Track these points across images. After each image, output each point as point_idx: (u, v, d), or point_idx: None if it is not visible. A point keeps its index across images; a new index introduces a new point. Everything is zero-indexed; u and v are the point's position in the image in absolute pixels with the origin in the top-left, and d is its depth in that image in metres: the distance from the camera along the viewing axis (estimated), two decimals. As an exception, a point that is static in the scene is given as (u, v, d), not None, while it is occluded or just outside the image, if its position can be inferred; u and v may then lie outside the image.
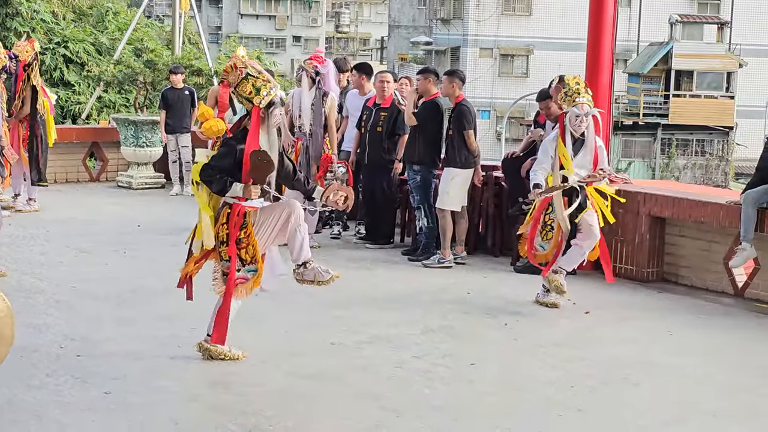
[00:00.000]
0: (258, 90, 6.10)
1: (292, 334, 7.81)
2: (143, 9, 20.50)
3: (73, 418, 5.65)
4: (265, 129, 6.15)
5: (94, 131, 15.71)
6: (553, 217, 8.07)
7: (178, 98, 14.01)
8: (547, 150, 8.11)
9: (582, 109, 7.76)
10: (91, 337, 7.47)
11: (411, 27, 55.62)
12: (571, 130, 7.91)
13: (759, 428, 6.31)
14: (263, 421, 5.67)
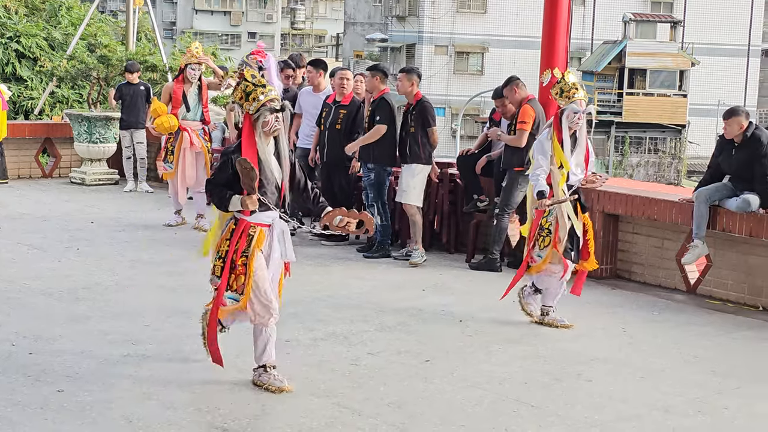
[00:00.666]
0: (248, 95, 5.79)
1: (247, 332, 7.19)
2: (96, 4, 20.59)
3: (26, 416, 5.56)
4: (260, 136, 5.82)
5: (46, 127, 15.80)
6: (550, 220, 7.92)
7: (134, 93, 14.04)
8: (546, 150, 7.86)
9: (581, 105, 7.61)
10: (43, 334, 7.32)
11: (366, 24, 55.94)
12: (569, 125, 7.74)
13: (710, 423, 6.34)
14: (218, 417, 5.60)
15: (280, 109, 5.79)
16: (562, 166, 7.72)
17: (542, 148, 7.80)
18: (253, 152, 5.70)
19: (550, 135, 7.75)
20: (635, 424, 6.18)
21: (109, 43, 19.27)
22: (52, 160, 15.54)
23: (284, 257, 6.00)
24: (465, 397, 6.44)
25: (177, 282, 9.14)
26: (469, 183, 10.92)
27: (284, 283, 6.20)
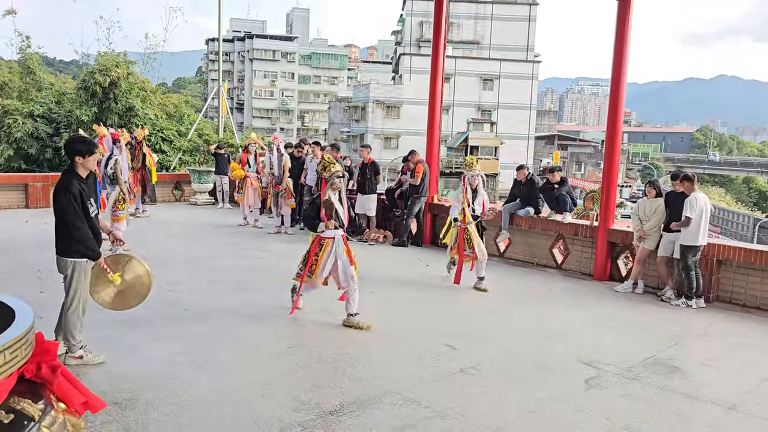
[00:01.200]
0: (325, 168, 6.12)
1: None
2: (203, 113, 21.39)
3: (166, 325, 5.81)
4: (330, 190, 6.09)
5: (177, 175, 16.58)
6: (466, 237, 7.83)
7: (222, 158, 14.96)
8: (459, 197, 8.03)
9: (474, 171, 7.88)
10: (175, 280, 7.55)
11: (340, 123, 57.70)
12: (470, 183, 7.92)
13: (501, 323, 6.93)
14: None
15: (342, 176, 6.17)
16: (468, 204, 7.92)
17: (457, 197, 8.11)
18: (325, 197, 6.06)
19: (461, 189, 8.02)
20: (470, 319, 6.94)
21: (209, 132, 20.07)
22: (180, 192, 16.31)
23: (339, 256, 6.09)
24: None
25: (244, 254, 9.51)
26: (391, 203, 11.37)
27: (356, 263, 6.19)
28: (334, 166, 6.13)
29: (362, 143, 14.60)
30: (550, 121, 69.28)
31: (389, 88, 55.48)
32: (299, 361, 5.08)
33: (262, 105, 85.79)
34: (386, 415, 4.16)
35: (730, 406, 4.57)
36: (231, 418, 4.00)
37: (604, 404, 4.51)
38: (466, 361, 5.22)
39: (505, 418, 4.18)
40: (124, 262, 5.03)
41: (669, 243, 7.87)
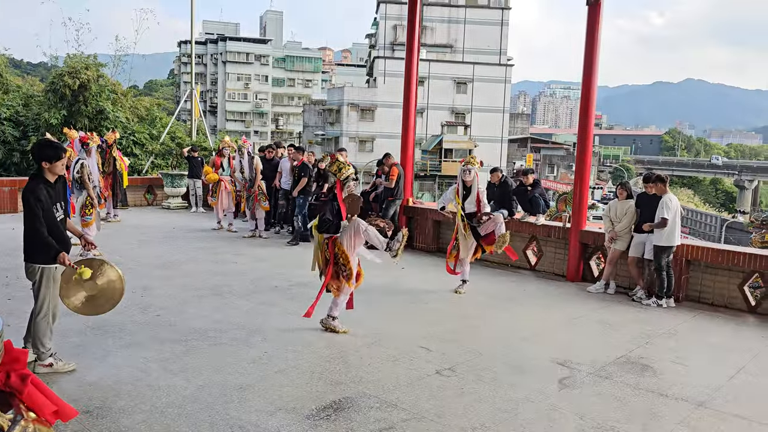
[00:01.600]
0: (340, 169, 6.01)
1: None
2: (175, 116, 21.14)
3: (137, 328, 5.81)
4: (344, 192, 6.02)
5: (149, 179, 16.38)
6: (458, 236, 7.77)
7: (195, 162, 14.75)
8: (450, 192, 7.92)
9: (466, 167, 7.57)
10: (148, 285, 7.49)
11: (315, 126, 57.68)
12: (463, 179, 7.65)
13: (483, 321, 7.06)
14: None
15: (355, 179, 6.14)
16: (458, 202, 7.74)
17: (449, 191, 8.00)
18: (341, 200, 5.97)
19: (454, 187, 7.87)
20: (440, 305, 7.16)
21: (182, 135, 19.78)
22: (152, 196, 16.06)
23: None
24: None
25: (218, 258, 9.46)
26: (367, 206, 10.93)
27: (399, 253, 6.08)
28: (348, 168, 6.02)
29: (337, 146, 14.54)
30: (523, 124, 70.02)
31: (364, 91, 55.50)
32: (275, 365, 5.05)
33: (236, 108, 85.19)
34: (363, 418, 4.16)
35: (699, 403, 4.66)
36: (206, 425, 3.96)
37: (578, 403, 4.57)
38: (441, 363, 5.24)
39: (480, 420, 4.21)
40: (96, 266, 4.92)
41: (640, 244, 8.01)
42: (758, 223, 7.81)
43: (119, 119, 18.63)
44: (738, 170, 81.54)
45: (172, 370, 4.84)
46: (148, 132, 19.19)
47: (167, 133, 18.99)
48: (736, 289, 7.66)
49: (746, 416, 4.49)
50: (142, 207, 15.59)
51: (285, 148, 11.96)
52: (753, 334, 6.63)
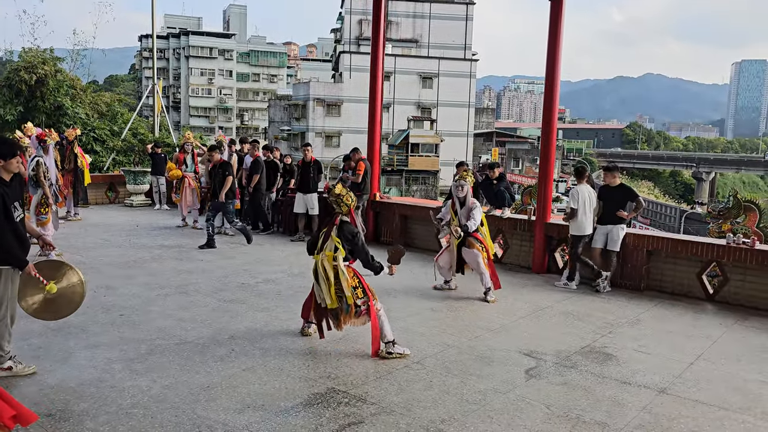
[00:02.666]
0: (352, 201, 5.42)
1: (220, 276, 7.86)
2: (137, 112, 20.54)
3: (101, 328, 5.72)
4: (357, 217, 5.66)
5: (110, 176, 16.05)
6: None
7: (159, 158, 14.45)
8: (448, 209, 7.68)
9: (459, 182, 7.41)
10: (111, 285, 7.35)
11: (281, 122, 57.15)
12: (455, 194, 7.46)
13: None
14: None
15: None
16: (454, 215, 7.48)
17: (446, 207, 7.81)
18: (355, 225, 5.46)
19: (450, 203, 7.70)
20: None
21: (144, 132, 19.31)
22: (114, 194, 15.71)
23: None
24: None
25: (183, 256, 9.36)
26: None
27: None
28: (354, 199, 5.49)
29: (303, 142, 14.47)
30: (489, 118, 70.67)
31: (330, 86, 55.27)
32: (243, 363, 5.00)
33: (200, 103, 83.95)
34: (332, 413, 4.15)
35: (660, 390, 4.78)
36: (173, 425, 3.90)
37: (544, 393, 4.63)
38: (409, 357, 5.25)
39: (449, 412, 4.24)
40: (56, 269, 4.80)
41: (602, 235, 8.13)
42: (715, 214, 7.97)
43: (79, 115, 18.19)
44: (696, 163, 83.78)
45: (136, 371, 4.76)
46: (109, 128, 18.77)
47: (129, 130, 18.61)
48: (695, 278, 7.85)
49: (705, 401, 4.61)
50: (104, 205, 15.28)
51: (249, 144, 11.85)
52: (711, 322, 6.81)
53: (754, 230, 8.48)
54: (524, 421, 4.16)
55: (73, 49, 21.97)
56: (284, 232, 11.72)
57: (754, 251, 7.33)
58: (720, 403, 4.57)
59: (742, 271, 7.50)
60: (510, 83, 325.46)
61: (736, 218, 8.74)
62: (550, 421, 4.16)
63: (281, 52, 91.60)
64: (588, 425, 4.12)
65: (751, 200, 8.89)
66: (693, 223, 44.36)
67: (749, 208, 8.71)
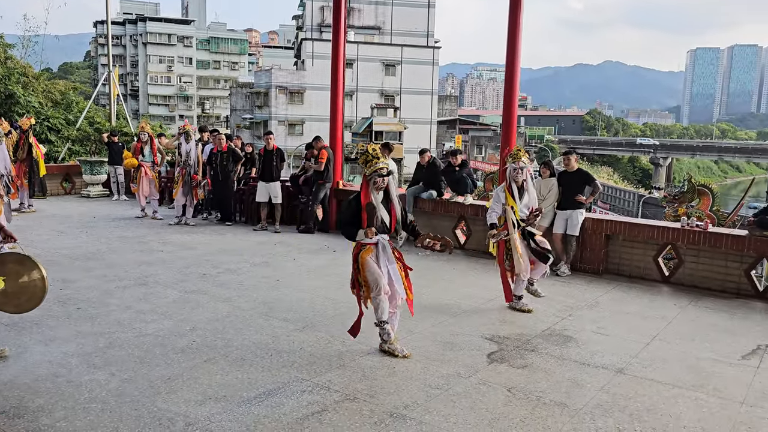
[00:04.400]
0: (366, 163, 4.93)
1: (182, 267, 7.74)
2: (93, 100, 19.91)
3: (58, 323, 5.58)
4: (372, 190, 4.96)
5: (66, 167, 15.51)
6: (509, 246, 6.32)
7: (116, 147, 14.09)
8: (499, 197, 6.39)
9: (518, 164, 6.17)
10: (68, 278, 7.18)
11: (242, 110, 56.24)
12: (513, 179, 6.23)
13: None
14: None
15: (387, 174, 4.95)
16: (513, 207, 6.26)
17: (497, 197, 6.44)
18: (367, 200, 4.96)
19: (503, 187, 6.39)
20: None
21: (101, 121, 18.75)
22: (70, 184, 15.21)
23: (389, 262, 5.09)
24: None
25: (143, 247, 9.21)
26: (296, 190, 11.26)
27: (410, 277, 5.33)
28: (378, 161, 4.92)
29: (266, 130, 14.33)
30: (452, 105, 70.95)
31: (292, 73, 54.65)
32: (204, 355, 4.93)
33: (159, 91, 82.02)
34: (295, 402, 4.13)
35: (618, 370, 4.89)
36: (132, 418, 3.83)
37: (505, 376, 4.69)
38: (373, 344, 5.25)
39: (412, 397, 4.26)
40: (12, 261, 4.64)
41: (562, 220, 8.29)
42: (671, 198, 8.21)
43: (31, 104, 17.60)
44: (653, 149, 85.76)
45: (94, 365, 4.65)
46: (63, 117, 18.22)
47: (85, 118, 18.09)
48: (651, 261, 8.04)
49: (660, 380, 4.73)
50: (60, 196, 14.87)
51: (209, 133, 11.69)
52: (666, 303, 6.99)
53: (707, 213, 8.73)
54: (486, 404, 4.21)
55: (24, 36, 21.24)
56: (246, 222, 11.64)
57: (707, 234, 7.56)
58: (674, 382, 4.70)
59: (696, 253, 7.72)
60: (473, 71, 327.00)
61: (691, 202, 8.98)
62: (511, 403, 4.23)
63: (242, 39, 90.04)
64: (548, 406, 4.20)
65: (705, 185, 9.15)
66: (650, 208, 45.40)
67: (703, 192, 8.96)
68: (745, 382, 4.76)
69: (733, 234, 7.51)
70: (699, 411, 4.21)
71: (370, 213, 4.95)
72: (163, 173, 11.39)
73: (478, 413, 4.06)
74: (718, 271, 7.54)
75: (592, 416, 4.07)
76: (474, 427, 3.86)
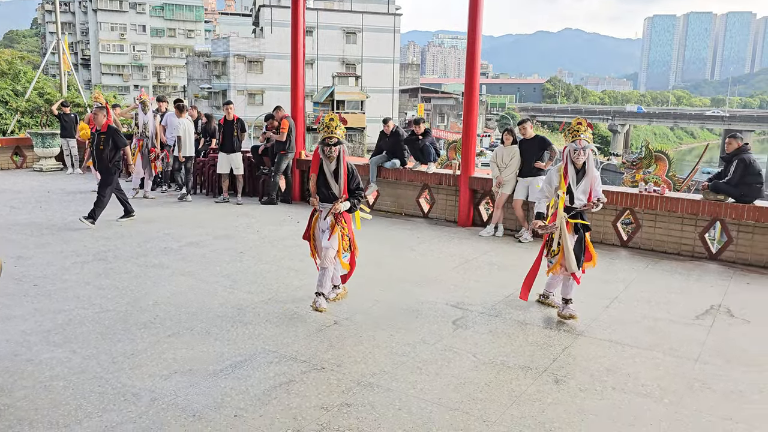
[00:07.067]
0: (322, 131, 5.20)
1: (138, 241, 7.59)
2: (42, 70, 19.08)
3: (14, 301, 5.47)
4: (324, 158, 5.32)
5: (16, 140, 14.82)
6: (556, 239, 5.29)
7: (69, 119, 13.51)
8: (552, 180, 5.34)
9: (580, 143, 5.13)
10: (23, 255, 7.04)
11: (200, 79, 54.76)
12: (573, 160, 5.21)
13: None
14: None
15: (334, 144, 5.22)
16: (568, 191, 5.24)
17: (550, 178, 5.40)
18: (316, 167, 5.36)
19: (559, 168, 5.32)
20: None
21: (51, 91, 17.98)
22: (21, 158, 14.61)
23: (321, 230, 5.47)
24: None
25: (101, 221, 8.76)
26: (258, 161, 11.13)
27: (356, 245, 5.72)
28: (327, 131, 5.13)
29: (225, 100, 14.00)
30: (413, 74, 70.54)
31: (250, 41, 53.35)
32: (168, 329, 4.87)
33: (112, 60, 79.10)
34: (262, 374, 4.13)
35: (579, 332, 5.03)
36: (96, 395, 3.77)
37: (471, 342, 4.77)
38: (339, 314, 5.28)
39: (379, 365, 4.30)
40: None
41: (524, 187, 8.40)
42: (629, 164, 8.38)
43: (-26, 75, 16.86)
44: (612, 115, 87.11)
45: (54, 342, 4.55)
46: (11, 88, 17.45)
47: (34, 89, 17.37)
48: (610, 226, 8.23)
49: (619, 341, 4.88)
50: (10, 170, 14.32)
51: (167, 102, 11.39)
52: (625, 266, 7.18)
53: (663, 179, 8.94)
54: (452, 369, 4.27)
55: (-38, 2, 20.27)
56: (207, 194, 11.46)
57: (664, 199, 7.76)
58: (632, 342, 4.85)
59: (653, 217, 7.93)
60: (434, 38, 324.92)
61: (648, 168, 9.18)
62: (477, 368, 4.30)
63: (198, 6, 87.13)
64: (512, 370, 4.29)
65: (662, 151, 9.35)
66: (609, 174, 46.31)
67: (660, 157, 9.16)
68: (699, 340, 4.95)
69: (688, 198, 7.74)
70: (656, 370, 4.36)
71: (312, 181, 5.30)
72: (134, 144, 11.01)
73: (444, 379, 4.12)
74: (675, 235, 7.77)
75: (555, 378, 4.17)
76: (440, 393, 3.92)
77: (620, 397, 3.93)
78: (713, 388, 4.10)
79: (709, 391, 4.06)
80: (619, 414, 3.71)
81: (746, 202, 7.37)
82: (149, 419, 3.51)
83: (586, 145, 5.19)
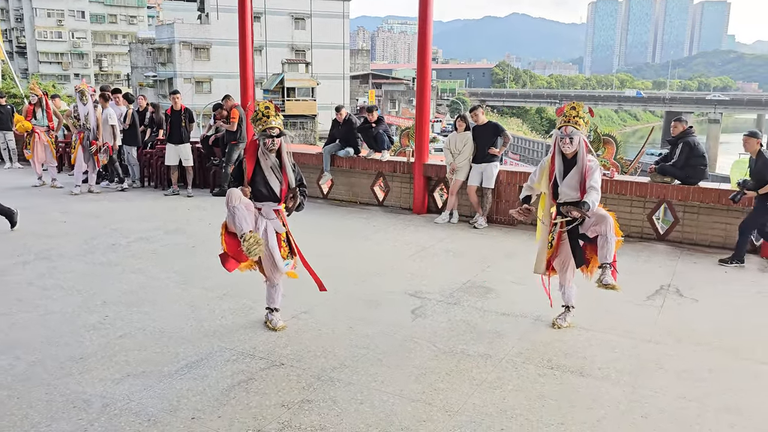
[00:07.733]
0: (255, 121, 4.43)
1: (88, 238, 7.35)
2: None
3: None
4: (262, 152, 4.48)
5: None
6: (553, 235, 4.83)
7: (4, 111, 12.77)
8: (542, 165, 4.82)
9: (566, 131, 4.45)
10: None
11: (144, 67, 53.03)
12: (562, 150, 4.55)
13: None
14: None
15: (277, 135, 4.43)
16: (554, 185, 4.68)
17: (540, 165, 4.87)
18: (252, 162, 4.51)
19: (550, 156, 4.71)
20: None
21: (-16, 82, 17.08)
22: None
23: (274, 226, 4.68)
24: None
25: (43, 218, 8.60)
26: (208, 151, 10.91)
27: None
28: (268, 120, 4.41)
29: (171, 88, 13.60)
30: (364, 60, 70.16)
31: (196, 27, 51.79)
32: (119, 330, 4.69)
33: (50, 48, 75.67)
34: (219, 373, 4.02)
35: (536, 318, 5.09)
36: (43, 403, 3.59)
37: (430, 331, 4.77)
38: (298, 307, 5.18)
39: (339, 359, 4.25)
40: None
41: (477, 173, 8.45)
42: (578, 148, 8.69)
43: None
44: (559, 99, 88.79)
45: (-4, 349, 4.35)
46: (-61, 78, 16.64)
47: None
48: (562, 210, 8.37)
49: (575, 324, 4.96)
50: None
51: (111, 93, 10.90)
52: (577, 250, 7.31)
53: (612, 162, 9.10)
54: (413, 360, 4.26)
55: None
56: (156, 187, 11.14)
57: (613, 182, 7.92)
58: (588, 326, 4.94)
59: (603, 200, 7.88)
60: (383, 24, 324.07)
61: (596, 151, 9.34)
62: (437, 357, 4.30)
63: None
64: (472, 358, 4.30)
65: (609, 134, 9.52)
66: (558, 157, 47.51)
67: (607, 141, 9.31)
68: (651, 321, 5.08)
69: (636, 181, 7.92)
70: (612, 352, 4.45)
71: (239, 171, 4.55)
72: (60, 138, 10.59)
73: (405, 370, 4.10)
74: (624, 217, 7.88)
75: (514, 364, 4.21)
76: (402, 384, 3.90)
77: (578, 381, 3.98)
78: (666, 368, 4.19)
79: (663, 371, 4.15)
80: (578, 397, 3.76)
81: (691, 183, 7.57)
82: (101, 426, 3.37)
83: (573, 131, 4.47)
